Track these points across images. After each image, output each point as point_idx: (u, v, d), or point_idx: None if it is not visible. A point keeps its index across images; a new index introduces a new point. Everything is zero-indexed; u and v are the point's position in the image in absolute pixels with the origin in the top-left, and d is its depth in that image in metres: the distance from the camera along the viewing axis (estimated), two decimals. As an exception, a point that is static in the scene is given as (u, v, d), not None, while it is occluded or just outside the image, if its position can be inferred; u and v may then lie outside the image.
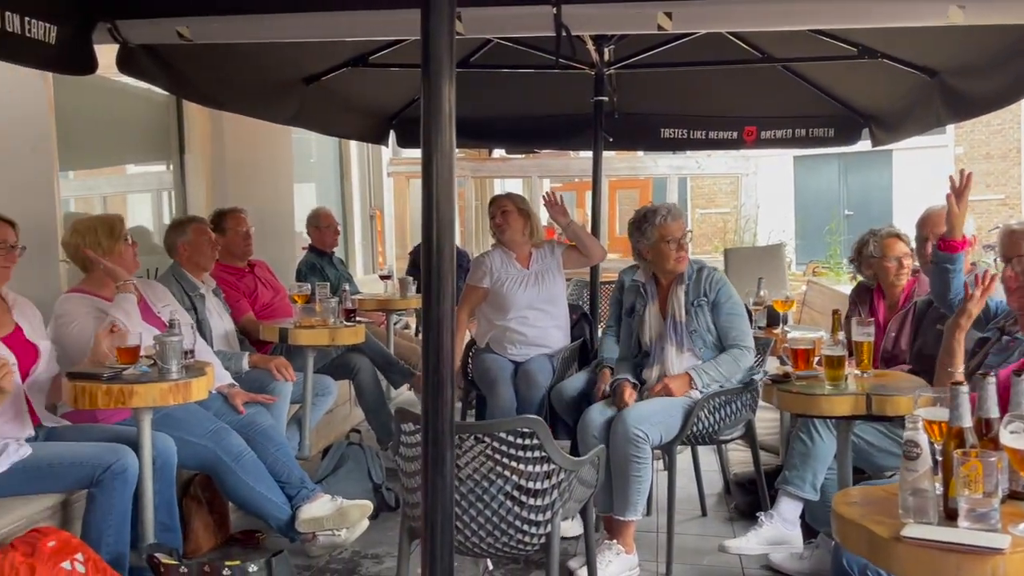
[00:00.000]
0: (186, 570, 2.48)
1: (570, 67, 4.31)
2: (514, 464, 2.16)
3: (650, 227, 3.19)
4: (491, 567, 3.06)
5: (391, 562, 3.23)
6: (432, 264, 1.58)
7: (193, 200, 5.10)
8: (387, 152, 8.23)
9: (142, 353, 2.80)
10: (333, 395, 4.09)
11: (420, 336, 5.93)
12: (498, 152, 8.56)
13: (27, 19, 2.58)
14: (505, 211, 3.94)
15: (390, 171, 8.43)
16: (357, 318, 4.05)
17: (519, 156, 7.82)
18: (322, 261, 5.07)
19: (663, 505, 3.45)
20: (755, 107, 5.39)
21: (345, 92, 4.76)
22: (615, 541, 2.98)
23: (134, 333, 2.82)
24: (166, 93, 4.97)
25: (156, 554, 2.55)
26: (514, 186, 9.22)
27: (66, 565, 2.34)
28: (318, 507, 3.13)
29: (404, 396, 5.34)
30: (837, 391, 2.50)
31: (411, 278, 5.19)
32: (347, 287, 4.73)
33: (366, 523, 3.21)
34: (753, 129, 5.43)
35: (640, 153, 8.84)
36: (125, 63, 3.21)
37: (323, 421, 4.20)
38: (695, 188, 13.26)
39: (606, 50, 4.35)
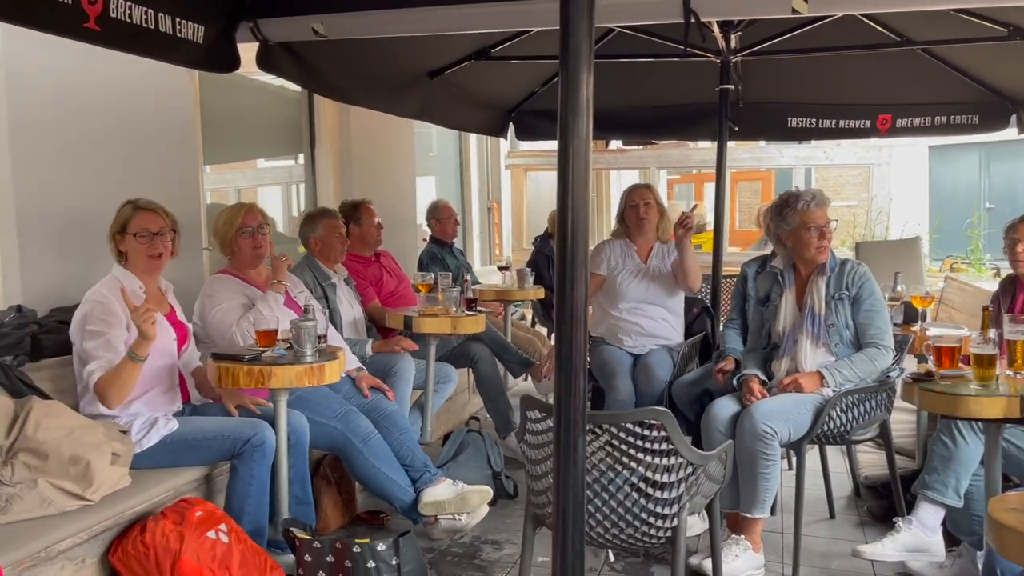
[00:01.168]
0: (319, 545, 2.58)
1: (695, 55, 4.22)
2: (640, 456, 2.14)
3: (792, 212, 3.08)
4: (612, 558, 3.05)
5: (511, 548, 3.27)
6: (567, 252, 1.57)
7: (322, 192, 5.31)
8: (505, 145, 8.30)
9: (279, 337, 2.93)
10: (454, 382, 4.17)
11: (536, 327, 5.97)
12: (615, 143, 8.48)
13: (178, 20, 2.74)
14: (648, 203, 3.92)
15: (507, 164, 8.49)
16: (478, 308, 4.11)
17: (636, 147, 7.72)
18: (443, 251, 5.17)
19: (788, 505, 3.34)
20: (890, 94, 5.12)
21: (467, 85, 4.83)
22: (741, 537, 2.91)
23: (271, 317, 2.96)
24: (298, 90, 5.20)
25: (292, 528, 2.67)
26: (630, 177, 9.11)
27: (211, 534, 2.48)
28: (441, 491, 3.20)
29: (521, 386, 5.39)
30: (987, 392, 2.35)
31: (528, 269, 5.22)
32: (468, 277, 4.80)
33: (486, 509, 3.25)
34: (888, 117, 5.17)
35: (762, 143, 8.55)
36: (264, 60, 3.36)
37: (443, 408, 4.29)
38: (820, 180, 12.71)
39: (733, 36, 4.24)
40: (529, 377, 4.80)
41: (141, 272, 2.87)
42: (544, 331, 5.88)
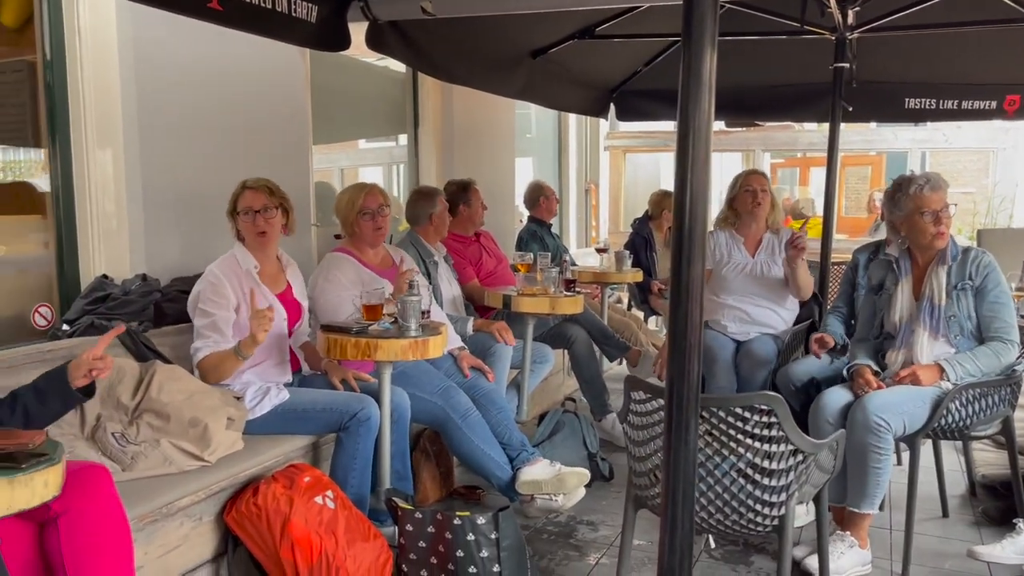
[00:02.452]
0: (420, 516, 2.63)
1: (809, 32, 4.05)
2: (748, 441, 2.09)
3: (904, 197, 2.92)
4: (712, 545, 3.01)
5: (606, 530, 3.26)
6: (684, 229, 1.54)
7: (424, 172, 5.38)
8: (604, 126, 8.22)
9: (384, 311, 2.99)
10: (550, 363, 4.18)
11: (633, 311, 5.91)
12: (718, 124, 8.26)
13: (293, 0, 2.81)
14: (764, 191, 3.81)
15: (607, 145, 8.40)
16: (576, 289, 4.09)
17: (740, 129, 7.49)
18: (542, 231, 5.16)
19: (897, 502, 3.22)
20: (1019, 73, 4.80)
21: (569, 65, 4.79)
22: (848, 533, 2.81)
23: (377, 292, 3.02)
24: (403, 70, 5.28)
25: (394, 498, 2.73)
26: (732, 160, 8.86)
27: (318, 500, 2.56)
28: (538, 471, 3.20)
29: (615, 370, 5.36)
30: None
31: (627, 252, 5.17)
32: (567, 258, 4.79)
33: (583, 491, 3.24)
34: (1016, 98, 4.85)
35: (873, 125, 8.16)
36: (373, 39, 3.41)
37: (538, 388, 4.30)
38: (936, 165, 12.05)
39: (850, 12, 4.05)
40: (625, 361, 4.77)
41: (254, 249, 2.97)
42: (640, 315, 5.81)
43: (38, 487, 1.57)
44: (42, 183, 3.21)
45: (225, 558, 2.57)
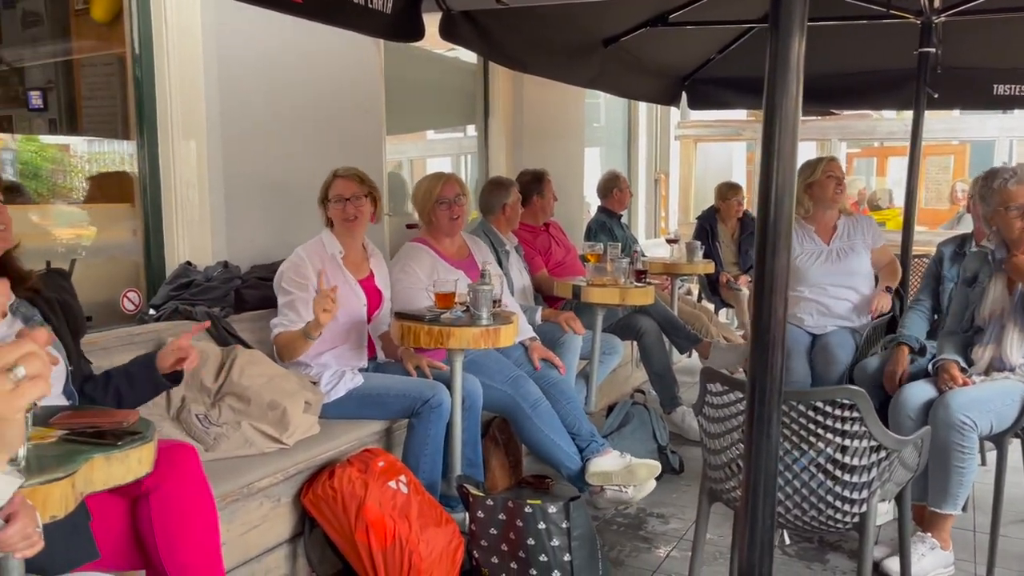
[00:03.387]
0: (492, 503, 2.65)
1: (893, 16, 3.92)
2: (829, 436, 2.04)
3: (988, 191, 2.81)
4: (787, 541, 2.95)
5: (676, 523, 3.23)
6: (769, 219, 1.51)
7: (494, 163, 5.40)
8: (675, 115, 8.10)
9: (456, 300, 3.02)
10: (619, 354, 4.16)
11: (703, 303, 5.83)
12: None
13: (369, -9, 2.84)
14: (841, 179, 3.71)
15: (677, 135, 8.28)
16: (647, 280, 4.05)
17: (814, 117, 7.29)
18: (612, 222, 5.13)
19: (981, 503, 3.11)
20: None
21: (641, 53, 4.73)
22: (929, 534, 2.73)
23: (449, 282, 3.05)
24: (474, 61, 5.30)
25: (465, 484, 2.75)
26: (808, 150, 8.62)
27: (392, 484, 2.61)
28: (608, 462, 3.20)
29: (684, 362, 5.30)
30: None
31: (698, 242, 5.10)
32: (638, 248, 4.75)
33: (653, 484, 3.22)
34: (1113, 84, 4.61)
35: (957, 112, 7.83)
36: (447, 30, 3.43)
37: (606, 379, 4.29)
38: (1024, 155, 11.53)
39: (938, -6, 3.90)
40: (695, 354, 4.71)
41: (342, 235, 3.04)
42: (711, 307, 5.73)
43: (132, 464, 1.64)
44: (131, 173, 3.33)
45: (302, 538, 2.64)
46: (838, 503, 2.08)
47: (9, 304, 2.00)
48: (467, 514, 2.76)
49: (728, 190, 5.85)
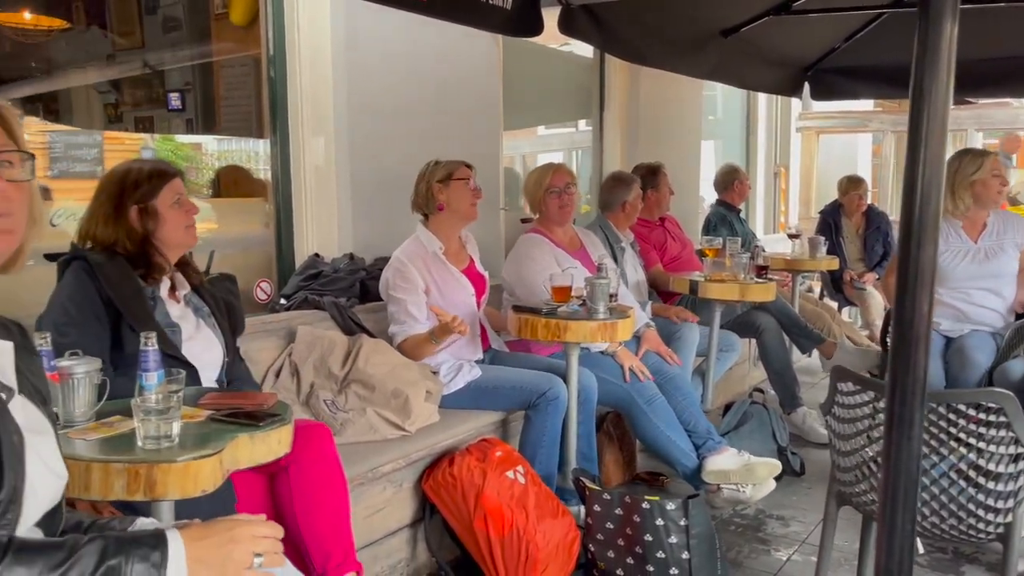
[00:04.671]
0: (608, 497, 2.64)
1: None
2: (972, 440, 1.93)
3: None
4: (921, 550, 2.82)
5: (797, 526, 3.13)
6: (914, 212, 1.44)
7: (608, 157, 5.37)
8: (796, 106, 7.84)
9: (573, 294, 3.02)
10: (737, 352, 4.07)
11: (825, 300, 5.62)
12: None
13: (490, -13, 2.88)
14: (1006, 179, 3.47)
15: (798, 127, 7.99)
16: (768, 275, 3.93)
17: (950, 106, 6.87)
18: (731, 216, 5.02)
19: None
20: None
21: (762, 43, 4.58)
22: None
23: (566, 275, 3.06)
24: (590, 56, 5.28)
25: (582, 478, 2.76)
26: (939, 142, 8.17)
27: (510, 474, 2.64)
28: (725, 460, 3.13)
29: (804, 362, 5.12)
30: None
31: (822, 238, 4.91)
32: (759, 243, 4.62)
33: (773, 484, 3.14)
34: None
35: (1112, 100, 7.23)
36: (565, 24, 3.42)
37: (722, 377, 4.20)
38: None
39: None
40: (815, 354, 4.55)
41: (460, 219, 3.06)
42: (834, 305, 5.52)
43: (273, 444, 1.73)
44: (264, 169, 3.50)
45: (422, 524, 2.71)
46: (980, 512, 1.97)
47: (184, 294, 2.19)
48: (582, 507, 2.76)
49: (849, 184, 5.61)
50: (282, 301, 3.17)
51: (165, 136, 4.26)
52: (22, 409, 1.16)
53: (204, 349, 2.17)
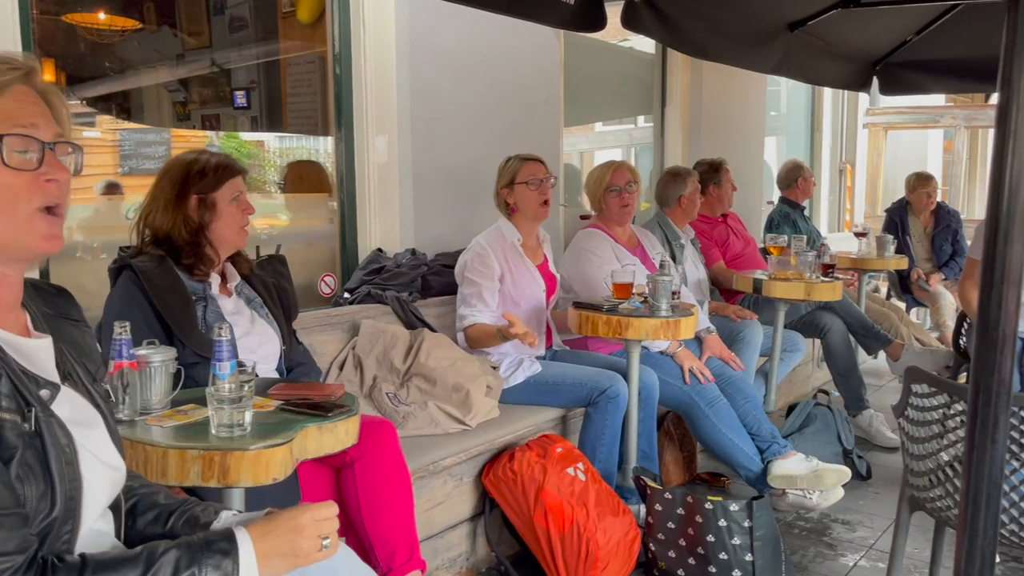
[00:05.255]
0: (670, 497, 2.61)
1: None
2: (1056, 447, 1.85)
3: None
4: (996, 559, 2.72)
5: (864, 531, 3.06)
6: (1001, 206, 1.38)
7: (670, 153, 5.31)
8: (863, 102, 7.63)
9: (634, 291, 3.00)
10: (802, 352, 3.98)
11: (892, 300, 5.47)
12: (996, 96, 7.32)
13: (552, -20, 2.86)
14: None
15: (866, 122, 7.78)
16: (834, 274, 3.84)
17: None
18: (795, 213, 4.92)
19: None
20: None
21: (829, 36, 4.47)
22: None
23: (627, 271, 3.03)
24: (651, 51, 5.23)
25: (643, 477, 2.73)
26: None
27: (570, 471, 2.63)
28: (792, 465, 3.07)
29: (870, 364, 4.99)
30: None
31: (890, 236, 4.78)
32: (825, 241, 4.52)
33: (841, 492, 3.07)
34: None
35: None
36: (628, 18, 3.38)
37: (785, 378, 4.12)
38: None
39: None
40: (883, 355, 4.42)
41: (530, 219, 3.08)
42: (902, 305, 5.36)
43: (341, 435, 1.75)
44: (328, 165, 3.55)
45: (482, 518, 2.72)
46: (1064, 521, 1.89)
47: (234, 285, 2.21)
48: (642, 506, 2.74)
49: (918, 181, 5.44)
50: (345, 295, 3.21)
51: (230, 133, 4.34)
52: (68, 402, 1.13)
53: (260, 343, 2.18)
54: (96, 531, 1.17)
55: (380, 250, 3.40)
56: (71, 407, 1.13)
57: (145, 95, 4.31)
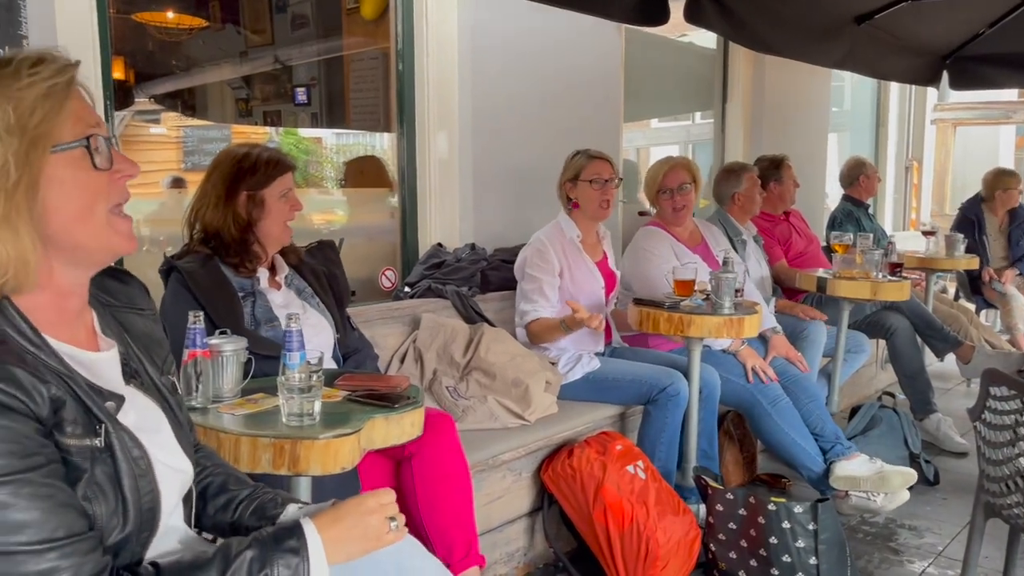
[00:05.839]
0: (732, 497, 2.57)
1: None
2: None
3: None
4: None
5: (932, 537, 2.97)
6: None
7: (730, 149, 5.24)
8: (931, 97, 7.42)
9: (696, 288, 2.95)
10: (867, 353, 3.90)
11: (961, 301, 5.30)
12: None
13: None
14: None
15: (933, 118, 7.56)
16: (902, 274, 3.73)
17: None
18: (859, 211, 4.80)
19: None
20: None
21: (897, 30, 4.37)
22: None
23: (689, 268, 2.99)
24: (712, 47, 5.16)
25: (704, 476, 2.70)
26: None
27: (630, 469, 2.61)
28: (856, 466, 3.00)
29: (937, 367, 4.85)
30: None
31: (960, 235, 4.63)
32: (892, 239, 4.40)
33: (907, 494, 2.99)
34: None
35: None
36: (692, 13, 3.36)
37: (848, 380, 4.02)
38: None
39: None
40: (951, 358, 4.29)
41: (589, 218, 3.07)
42: (971, 307, 5.19)
43: (406, 426, 1.76)
44: (389, 160, 3.58)
45: (540, 513, 2.71)
46: None
47: (284, 277, 2.23)
48: (702, 506, 2.71)
49: (999, 177, 5.26)
50: (406, 289, 3.24)
51: (288, 130, 4.41)
52: (133, 409, 1.11)
53: (313, 334, 2.16)
54: (168, 527, 1.18)
55: (440, 245, 3.42)
56: (136, 414, 1.12)
57: (209, 92, 4.41)
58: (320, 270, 2.34)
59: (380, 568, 1.27)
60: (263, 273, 2.16)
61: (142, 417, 1.13)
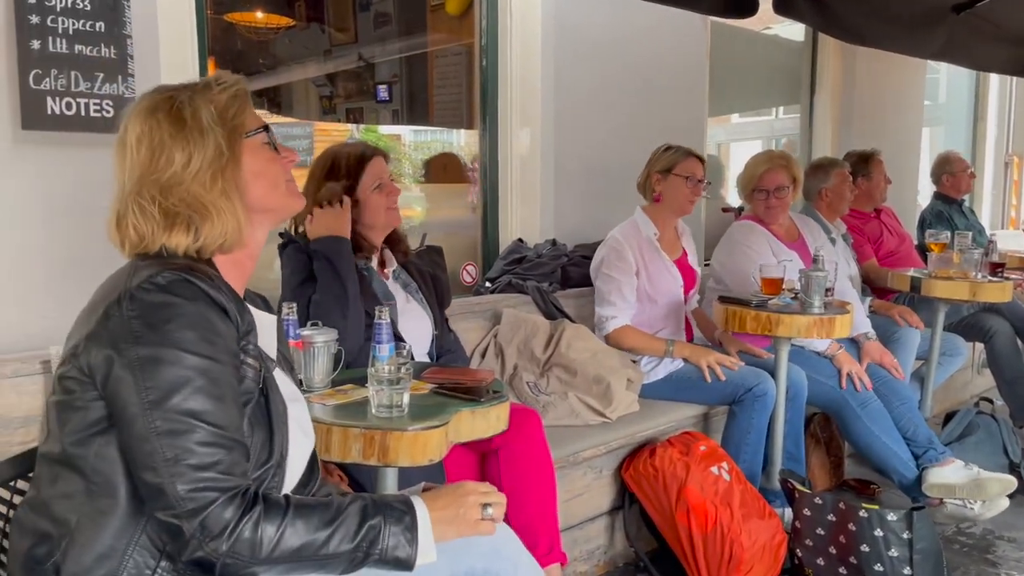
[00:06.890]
0: (820, 502, 2.50)
1: None
2: None
3: None
4: None
5: (1034, 552, 2.83)
6: None
7: (818, 143, 5.10)
8: (1036, 89, 7.07)
9: (784, 286, 2.87)
10: (963, 356, 3.74)
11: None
12: None
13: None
14: None
15: (1036, 111, 7.21)
16: (1004, 274, 3.56)
17: None
18: (950, 209, 4.60)
19: None
20: None
21: (999, 19, 4.15)
22: None
23: (777, 266, 2.92)
24: (800, 39, 5.02)
25: (791, 480, 2.63)
26: None
27: (714, 470, 2.56)
28: (950, 472, 2.88)
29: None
30: None
31: (1067, 234, 4.39)
32: (994, 238, 4.20)
33: (1006, 502, 2.85)
34: None
35: None
36: (781, 4, 3.28)
37: (943, 384, 3.86)
38: None
39: None
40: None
41: (671, 213, 3.03)
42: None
43: (492, 420, 1.77)
44: (463, 157, 3.61)
45: (621, 512, 2.69)
46: None
47: (391, 270, 2.28)
48: (788, 510, 2.63)
49: None
50: (487, 284, 3.25)
51: (368, 127, 4.48)
52: (280, 379, 1.30)
53: (414, 325, 2.23)
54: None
55: (521, 240, 3.42)
56: (282, 383, 1.30)
57: (294, 90, 4.52)
58: (426, 271, 2.40)
59: (476, 548, 1.37)
60: (373, 261, 2.24)
61: (286, 387, 1.32)
